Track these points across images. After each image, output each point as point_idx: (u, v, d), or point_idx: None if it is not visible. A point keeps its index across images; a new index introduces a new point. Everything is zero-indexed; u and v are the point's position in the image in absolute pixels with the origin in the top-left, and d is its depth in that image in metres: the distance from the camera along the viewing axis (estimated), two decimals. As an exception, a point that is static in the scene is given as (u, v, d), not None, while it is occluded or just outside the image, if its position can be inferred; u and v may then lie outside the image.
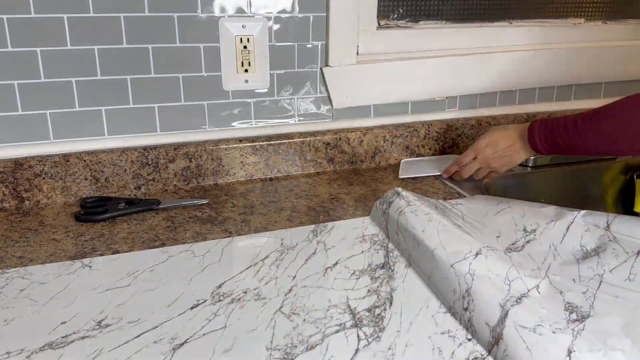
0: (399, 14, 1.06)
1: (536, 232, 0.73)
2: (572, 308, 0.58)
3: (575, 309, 0.58)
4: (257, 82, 0.95)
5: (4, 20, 0.79)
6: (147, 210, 0.84)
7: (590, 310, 0.57)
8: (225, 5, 0.90)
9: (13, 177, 0.85)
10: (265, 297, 0.62)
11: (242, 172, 0.98)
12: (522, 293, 0.59)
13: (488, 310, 0.56)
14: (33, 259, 0.70)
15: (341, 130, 1.04)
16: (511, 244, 0.72)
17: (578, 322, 0.55)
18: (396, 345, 0.54)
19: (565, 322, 0.55)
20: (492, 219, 0.78)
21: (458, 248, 0.65)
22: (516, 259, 0.68)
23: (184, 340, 0.54)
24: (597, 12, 1.22)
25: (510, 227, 0.75)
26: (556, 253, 0.69)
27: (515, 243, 0.72)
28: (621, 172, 1.16)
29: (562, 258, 0.68)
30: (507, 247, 0.71)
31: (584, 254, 0.68)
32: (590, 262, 0.65)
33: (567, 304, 0.58)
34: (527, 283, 0.61)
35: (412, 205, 0.76)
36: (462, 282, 0.60)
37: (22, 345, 0.53)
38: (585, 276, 0.63)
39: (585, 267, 0.65)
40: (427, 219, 0.72)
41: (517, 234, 0.74)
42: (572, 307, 0.58)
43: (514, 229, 0.75)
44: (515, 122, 1.16)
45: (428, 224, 0.71)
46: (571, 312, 0.57)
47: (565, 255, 0.68)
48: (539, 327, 0.52)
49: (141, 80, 0.89)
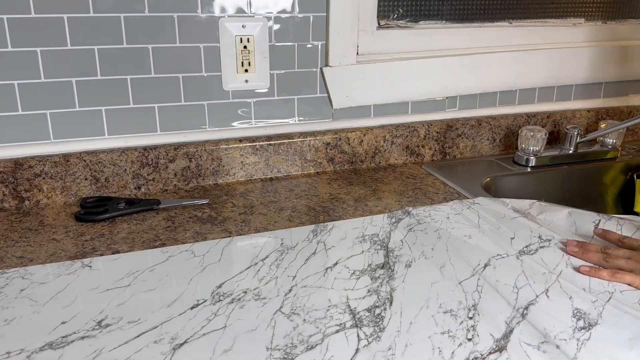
0: (399, 14, 1.06)
1: (551, 242, 0.74)
2: (580, 314, 0.58)
3: (583, 315, 0.58)
4: (257, 82, 0.95)
5: (4, 20, 0.79)
6: (147, 210, 0.84)
7: (598, 319, 0.58)
8: (225, 5, 0.90)
9: (13, 177, 0.85)
10: (265, 297, 0.62)
11: (242, 172, 0.98)
12: (529, 301, 0.60)
13: (493, 324, 0.57)
14: (33, 259, 0.70)
15: (341, 130, 1.04)
16: (525, 247, 0.73)
17: (585, 330, 0.55)
18: (396, 345, 0.54)
19: (571, 331, 0.55)
20: (507, 222, 0.80)
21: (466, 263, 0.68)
22: (528, 262, 0.69)
23: (184, 340, 0.54)
24: (597, 12, 1.22)
25: (526, 233, 0.77)
26: (569, 262, 0.70)
27: (529, 246, 0.73)
28: (621, 172, 1.16)
29: (575, 267, 0.68)
30: (520, 250, 0.72)
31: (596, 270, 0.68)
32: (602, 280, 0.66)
33: (575, 310, 0.59)
34: (536, 289, 0.62)
35: (423, 223, 0.80)
36: (469, 297, 0.62)
37: (22, 345, 0.53)
38: (595, 289, 0.64)
39: (596, 281, 0.65)
40: (436, 235, 0.76)
41: (532, 239, 0.75)
42: (580, 314, 0.58)
43: (529, 235, 0.76)
44: (515, 122, 1.16)
45: (437, 241, 0.74)
46: (579, 319, 0.57)
47: (577, 266, 0.69)
48: (543, 345, 0.54)
49: (141, 80, 0.89)
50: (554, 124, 1.21)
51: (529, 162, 1.08)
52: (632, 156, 1.18)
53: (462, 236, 0.75)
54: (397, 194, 0.93)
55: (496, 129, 1.16)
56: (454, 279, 0.65)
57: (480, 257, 0.69)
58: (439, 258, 0.70)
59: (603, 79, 1.24)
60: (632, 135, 1.31)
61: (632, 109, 1.28)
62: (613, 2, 1.22)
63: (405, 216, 0.82)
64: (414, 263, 0.69)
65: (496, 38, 1.13)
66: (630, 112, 1.28)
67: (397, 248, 0.73)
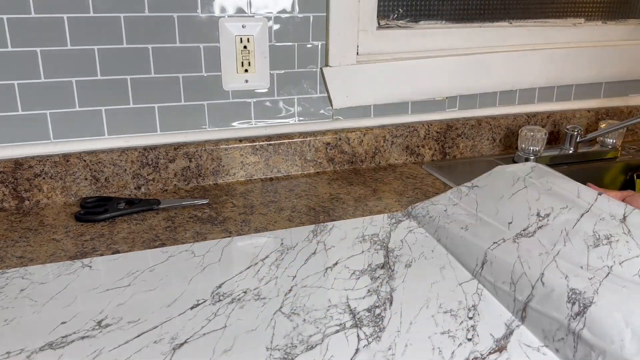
0: (399, 14, 1.06)
1: (549, 217, 0.72)
2: (576, 296, 0.57)
3: (579, 296, 0.57)
4: (257, 82, 0.95)
5: (4, 20, 0.79)
6: (147, 210, 0.84)
7: (594, 296, 0.56)
8: (225, 5, 0.90)
9: (13, 177, 0.85)
10: (265, 297, 0.62)
11: (242, 172, 0.98)
12: (526, 297, 0.60)
13: (493, 324, 0.57)
14: (33, 259, 0.70)
15: (341, 130, 1.04)
16: (522, 230, 0.71)
17: (579, 316, 0.55)
18: (396, 345, 0.54)
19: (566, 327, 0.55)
20: (505, 203, 0.78)
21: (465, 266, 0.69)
22: (525, 246, 0.67)
23: (184, 340, 0.54)
24: (597, 12, 1.22)
25: (524, 212, 0.75)
26: (567, 238, 0.67)
27: (527, 229, 0.71)
28: (621, 172, 1.16)
29: (573, 244, 0.66)
30: (517, 233, 0.71)
31: (595, 242, 0.66)
32: (600, 252, 0.63)
33: (570, 292, 0.58)
34: (532, 277, 0.61)
35: (422, 225, 0.79)
36: (468, 298, 0.62)
37: (22, 345, 0.53)
38: (593, 266, 0.62)
39: (595, 256, 0.63)
40: (435, 237, 0.76)
41: (530, 219, 0.73)
42: (576, 295, 0.57)
43: (527, 214, 0.74)
44: (515, 122, 1.16)
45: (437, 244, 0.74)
46: (573, 304, 0.56)
47: (575, 241, 0.67)
48: (543, 348, 0.54)
49: (141, 80, 0.89)
50: (554, 124, 1.21)
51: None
52: (632, 156, 1.18)
53: (460, 229, 0.74)
54: (397, 194, 0.93)
55: (496, 129, 1.16)
56: (454, 279, 0.66)
57: (477, 255, 0.68)
58: (439, 260, 0.70)
59: (603, 79, 1.24)
60: (632, 135, 1.31)
61: (632, 109, 1.28)
62: (613, 2, 1.22)
63: (405, 218, 0.82)
64: (414, 263, 0.69)
65: (496, 38, 1.13)
66: (630, 112, 1.28)
67: (397, 248, 0.73)
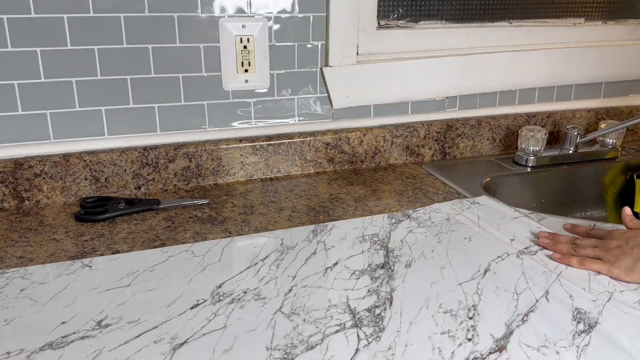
0: (399, 14, 1.06)
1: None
2: (581, 315, 0.58)
3: (584, 316, 0.58)
4: (257, 82, 0.95)
5: (4, 20, 0.79)
6: (147, 210, 0.84)
7: (599, 317, 0.58)
8: (225, 5, 0.90)
9: (13, 177, 0.85)
10: (265, 297, 0.62)
11: (242, 172, 0.98)
12: (529, 307, 0.60)
13: (493, 324, 0.57)
14: (33, 259, 0.70)
15: (341, 130, 1.04)
16: (525, 248, 0.73)
17: (585, 333, 0.55)
18: (396, 345, 0.54)
19: (571, 338, 0.55)
20: (508, 223, 0.80)
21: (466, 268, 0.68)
22: (528, 262, 0.69)
23: (184, 340, 0.54)
24: (597, 12, 1.22)
25: (526, 233, 0.77)
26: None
27: (529, 248, 0.73)
28: (621, 172, 1.16)
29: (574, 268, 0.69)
30: (520, 250, 0.72)
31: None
32: (601, 279, 0.66)
33: (575, 310, 0.59)
34: (536, 293, 0.62)
35: (423, 227, 0.79)
36: (469, 298, 0.62)
37: (22, 345, 0.53)
38: (595, 289, 0.64)
39: (596, 282, 0.65)
40: (436, 240, 0.75)
41: (532, 241, 0.75)
42: (581, 314, 0.58)
43: (529, 237, 0.76)
44: (515, 122, 1.16)
45: (438, 245, 0.74)
46: (579, 322, 0.57)
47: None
48: (543, 348, 0.54)
49: (141, 80, 0.89)
50: (554, 124, 1.21)
51: (529, 162, 1.08)
52: (632, 156, 1.18)
53: (462, 239, 0.75)
54: (397, 194, 0.93)
55: (496, 129, 1.16)
56: (454, 279, 0.66)
57: (480, 262, 0.69)
58: (439, 260, 0.70)
59: (603, 79, 1.24)
60: (632, 135, 1.31)
61: (632, 109, 1.28)
62: (613, 2, 1.22)
63: (405, 218, 0.82)
64: (414, 263, 0.69)
65: (496, 38, 1.13)
66: (630, 112, 1.28)
67: (397, 248, 0.73)
